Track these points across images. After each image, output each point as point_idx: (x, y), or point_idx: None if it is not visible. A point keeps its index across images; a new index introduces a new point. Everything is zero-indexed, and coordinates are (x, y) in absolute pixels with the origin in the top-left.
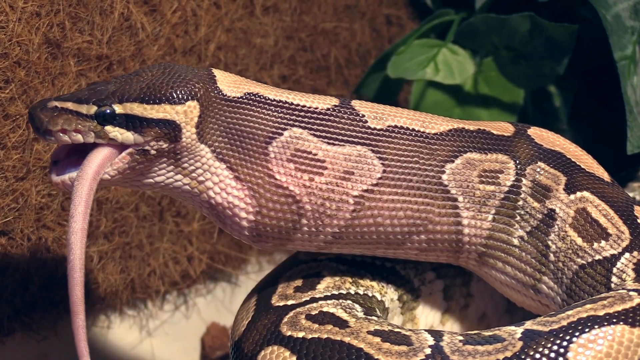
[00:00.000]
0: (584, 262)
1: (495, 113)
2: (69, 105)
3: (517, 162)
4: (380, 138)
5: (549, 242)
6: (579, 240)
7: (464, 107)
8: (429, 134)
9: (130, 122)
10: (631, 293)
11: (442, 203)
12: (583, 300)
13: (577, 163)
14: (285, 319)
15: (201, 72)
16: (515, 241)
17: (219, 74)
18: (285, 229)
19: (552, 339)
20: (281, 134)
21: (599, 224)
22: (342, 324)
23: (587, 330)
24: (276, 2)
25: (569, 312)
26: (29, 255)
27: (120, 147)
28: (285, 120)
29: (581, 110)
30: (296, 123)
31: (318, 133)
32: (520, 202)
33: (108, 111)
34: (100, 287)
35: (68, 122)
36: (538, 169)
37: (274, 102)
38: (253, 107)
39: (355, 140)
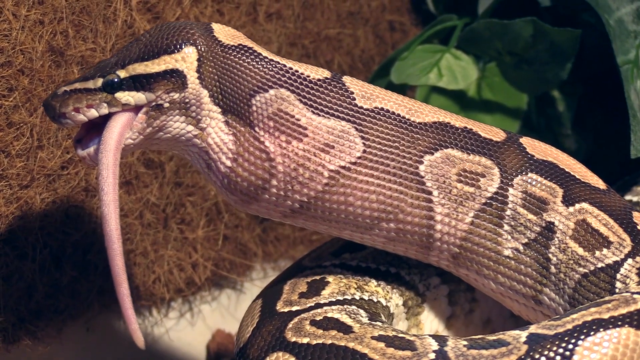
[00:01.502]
0: (586, 270)
1: (499, 118)
2: (76, 85)
3: (503, 170)
4: (366, 118)
5: (550, 255)
6: (580, 250)
7: (468, 112)
8: (413, 121)
9: (137, 82)
10: (635, 296)
11: (416, 194)
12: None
13: (572, 173)
14: (290, 325)
15: (198, 24)
16: (507, 252)
17: (217, 26)
18: (255, 185)
19: (557, 342)
20: (266, 91)
21: (600, 233)
22: (346, 329)
23: (592, 333)
24: (279, 9)
25: (574, 316)
26: (34, 264)
27: (135, 109)
28: (273, 79)
29: (585, 115)
30: (285, 85)
31: (305, 100)
32: (509, 212)
33: (115, 79)
34: (105, 295)
35: (78, 100)
36: (530, 180)
37: (265, 59)
38: (243, 58)
39: (342, 115)
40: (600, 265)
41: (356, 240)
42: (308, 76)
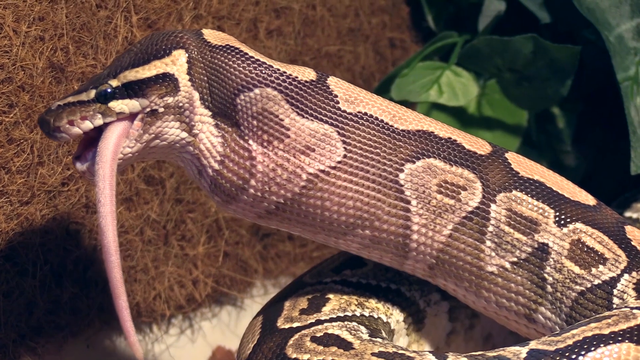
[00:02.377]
0: (583, 288)
1: (499, 135)
2: (70, 99)
3: (486, 184)
4: (349, 122)
5: (545, 275)
6: (577, 269)
7: (468, 129)
8: (396, 128)
9: (129, 90)
10: (635, 311)
11: (394, 202)
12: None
13: (560, 192)
14: (291, 342)
15: (188, 30)
16: (492, 268)
17: (207, 31)
18: (236, 185)
19: (558, 358)
20: (251, 90)
21: (595, 251)
22: (346, 345)
23: (592, 348)
24: (280, 26)
25: (574, 331)
26: (34, 280)
27: (130, 117)
28: (258, 78)
29: (585, 132)
30: (271, 85)
31: (292, 101)
32: (491, 229)
33: (108, 89)
34: (105, 311)
35: (72, 113)
36: (515, 198)
37: (251, 59)
38: (229, 57)
39: (324, 118)
40: (597, 282)
41: (330, 244)
42: (296, 77)
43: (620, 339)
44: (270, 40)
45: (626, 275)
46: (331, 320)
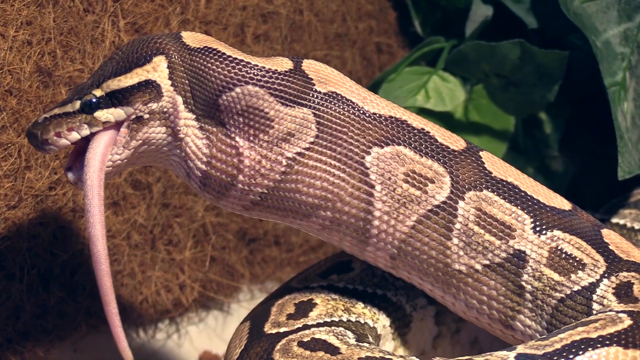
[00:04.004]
0: (562, 295)
1: (486, 140)
2: (55, 111)
3: (456, 180)
4: (321, 102)
5: (523, 283)
6: (556, 276)
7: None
8: (366, 111)
9: (113, 98)
10: (621, 315)
11: (358, 184)
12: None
13: (535, 197)
14: (278, 347)
15: (168, 34)
16: (460, 267)
17: (186, 33)
18: (225, 182)
19: None
20: (232, 89)
21: (574, 257)
22: (333, 350)
23: (581, 352)
24: (267, 30)
25: (561, 335)
26: (21, 284)
27: (117, 125)
28: (238, 77)
29: (572, 137)
30: (252, 81)
31: (276, 93)
32: (458, 226)
33: (93, 99)
34: (92, 316)
35: (59, 125)
36: (485, 199)
37: (229, 58)
38: (207, 59)
39: (303, 102)
40: (576, 288)
41: (294, 226)
42: (276, 70)
43: (608, 342)
44: (257, 45)
45: (605, 280)
46: (318, 325)
